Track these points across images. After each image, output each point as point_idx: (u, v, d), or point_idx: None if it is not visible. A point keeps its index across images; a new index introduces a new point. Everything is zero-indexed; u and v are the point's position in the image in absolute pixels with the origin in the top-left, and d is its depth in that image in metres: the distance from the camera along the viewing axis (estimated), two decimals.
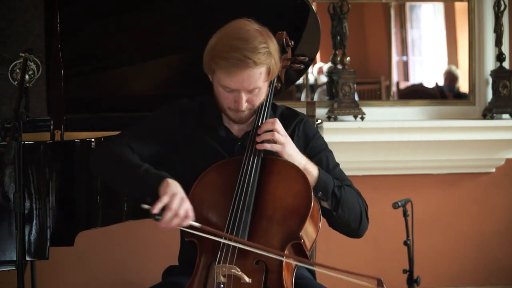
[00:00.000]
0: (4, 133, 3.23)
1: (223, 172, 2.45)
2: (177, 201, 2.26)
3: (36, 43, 3.86)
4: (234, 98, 2.43)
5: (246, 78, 2.38)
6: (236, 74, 2.37)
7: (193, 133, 2.54)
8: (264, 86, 2.45)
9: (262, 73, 2.40)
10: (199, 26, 3.41)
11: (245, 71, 2.36)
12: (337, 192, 2.46)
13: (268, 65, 2.40)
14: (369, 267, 4.58)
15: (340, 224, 2.51)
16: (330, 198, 2.45)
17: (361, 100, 4.62)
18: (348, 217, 2.49)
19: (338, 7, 4.46)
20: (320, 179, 2.44)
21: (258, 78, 2.39)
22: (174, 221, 2.26)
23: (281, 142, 2.42)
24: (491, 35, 4.56)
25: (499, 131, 4.50)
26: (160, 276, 2.63)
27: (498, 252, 4.67)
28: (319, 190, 2.44)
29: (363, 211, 2.54)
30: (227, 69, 2.37)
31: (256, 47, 2.36)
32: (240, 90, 2.40)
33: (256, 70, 2.37)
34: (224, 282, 2.28)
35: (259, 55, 2.36)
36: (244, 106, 2.43)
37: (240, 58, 2.35)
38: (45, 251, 2.87)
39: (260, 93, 2.45)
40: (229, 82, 2.40)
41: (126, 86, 3.70)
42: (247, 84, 2.39)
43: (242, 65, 2.35)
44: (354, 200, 2.51)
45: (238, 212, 2.36)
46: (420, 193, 4.51)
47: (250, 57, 2.35)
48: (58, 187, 2.89)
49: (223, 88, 2.43)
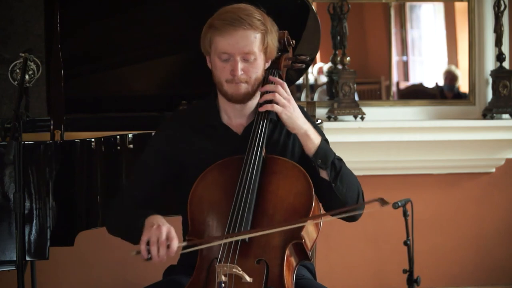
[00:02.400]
0: (4, 133, 3.22)
1: (224, 171, 2.45)
2: (154, 233, 2.28)
3: (36, 43, 3.87)
4: (231, 67, 2.44)
5: (240, 39, 2.41)
6: (231, 33, 2.41)
7: (192, 145, 2.54)
8: (259, 57, 2.46)
9: (257, 38, 2.43)
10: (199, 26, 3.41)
11: (239, 30, 2.41)
12: (337, 163, 2.46)
13: (263, 32, 2.44)
14: (369, 267, 4.59)
15: (337, 200, 2.47)
16: (329, 167, 2.44)
17: (361, 100, 4.62)
18: (346, 192, 2.47)
19: (338, 7, 4.46)
20: (321, 147, 2.44)
21: (252, 42, 2.42)
22: (160, 251, 2.27)
23: (282, 104, 2.43)
24: (491, 35, 4.56)
25: (499, 131, 4.50)
26: (160, 276, 2.63)
27: (498, 252, 4.66)
28: (318, 157, 2.44)
29: (360, 193, 2.53)
30: (223, 28, 2.42)
31: (251, 15, 2.44)
32: (235, 54, 2.42)
33: (251, 32, 2.42)
34: (225, 281, 2.28)
35: (253, 19, 2.42)
36: (239, 72, 2.43)
37: (235, 17, 2.41)
38: (45, 251, 2.87)
39: (255, 63, 2.45)
40: (224, 44, 2.42)
41: (126, 86, 3.70)
42: (242, 45, 2.42)
43: (237, 24, 2.40)
44: (352, 177, 2.51)
45: (239, 211, 2.36)
46: (420, 193, 4.51)
47: (245, 18, 2.41)
48: (58, 187, 2.89)
49: (219, 57, 2.44)
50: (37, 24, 3.99)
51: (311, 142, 2.44)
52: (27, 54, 2.98)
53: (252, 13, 2.44)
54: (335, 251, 4.47)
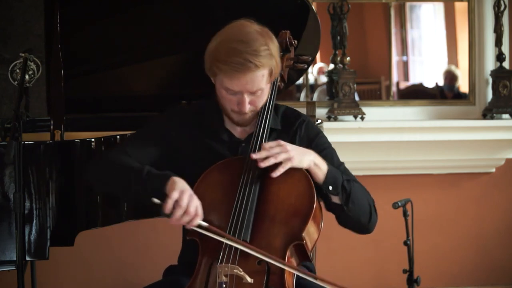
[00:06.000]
0: (4, 133, 3.22)
1: (226, 171, 2.45)
2: (186, 198, 2.27)
3: (36, 43, 3.86)
4: (237, 100, 2.42)
5: (249, 81, 2.37)
6: (238, 78, 2.37)
7: (195, 138, 2.53)
8: (266, 87, 2.44)
9: (265, 75, 2.39)
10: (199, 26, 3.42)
11: (247, 74, 2.36)
12: (346, 185, 2.45)
13: (270, 66, 2.39)
14: (369, 267, 4.59)
15: (350, 220, 2.48)
16: (340, 192, 2.43)
17: (361, 100, 4.61)
18: (358, 211, 2.47)
19: (338, 7, 4.46)
20: (329, 173, 2.43)
21: (260, 80, 2.39)
22: (184, 218, 2.27)
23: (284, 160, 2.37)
24: (491, 35, 4.56)
25: (499, 131, 4.50)
26: (160, 276, 2.63)
27: (498, 252, 4.66)
28: (329, 184, 2.42)
29: (372, 206, 2.52)
30: (229, 73, 2.36)
31: (257, 50, 2.35)
32: (243, 92, 2.40)
33: (258, 72, 2.37)
34: (226, 282, 2.28)
35: (260, 57, 2.35)
36: (247, 108, 2.42)
37: (241, 62, 2.34)
38: (45, 251, 2.87)
39: (262, 95, 2.44)
40: (231, 85, 2.39)
41: (126, 86, 3.70)
42: (250, 86, 2.38)
43: (244, 69, 2.34)
44: (362, 194, 2.50)
45: (240, 212, 2.35)
46: (420, 193, 4.51)
47: (252, 60, 2.34)
48: (58, 187, 2.89)
49: (225, 90, 2.42)
50: (37, 24, 3.98)
51: (319, 170, 2.42)
52: (27, 54, 2.98)
53: (258, 48, 2.35)
54: (335, 251, 4.47)
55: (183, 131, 2.54)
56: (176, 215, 2.26)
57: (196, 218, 2.29)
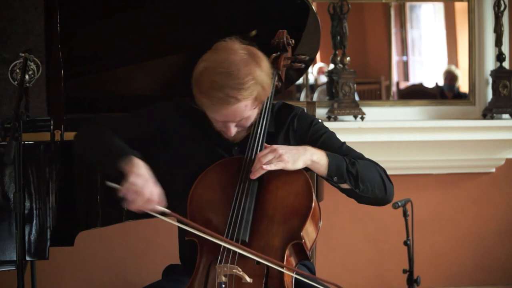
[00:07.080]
0: (4, 133, 3.22)
1: (223, 172, 2.44)
2: (140, 181, 2.24)
3: (36, 43, 3.86)
4: (224, 126, 2.41)
5: (231, 114, 2.35)
6: (219, 111, 2.34)
7: (189, 134, 2.52)
8: (253, 111, 2.40)
9: (248, 105, 2.35)
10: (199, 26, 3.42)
11: (229, 108, 2.32)
12: (351, 169, 2.43)
13: (253, 95, 2.34)
14: (369, 267, 4.59)
15: (367, 199, 2.47)
16: (347, 178, 2.42)
17: (361, 100, 4.62)
18: (371, 189, 2.45)
19: (338, 7, 4.46)
20: (330, 165, 2.41)
21: (243, 110, 2.35)
22: (137, 201, 2.23)
23: (279, 165, 2.36)
24: (491, 35, 4.56)
25: (499, 131, 4.50)
26: (160, 275, 2.63)
27: (498, 252, 4.67)
28: (333, 175, 2.41)
29: (384, 176, 2.50)
30: (211, 107, 2.34)
31: (240, 82, 2.29)
32: (227, 121, 2.38)
33: (241, 104, 2.33)
34: (225, 282, 2.28)
35: (242, 90, 2.30)
36: (233, 132, 2.41)
37: (222, 97, 2.30)
38: (45, 251, 2.87)
39: (249, 119, 2.41)
40: (214, 115, 2.38)
41: (126, 86, 3.70)
42: (232, 117, 2.36)
43: (225, 103, 2.31)
44: (371, 170, 2.48)
45: (239, 212, 2.35)
46: (420, 193, 4.51)
47: (232, 95, 2.29)
48: (58, 187, 2.89)
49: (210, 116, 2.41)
50: (37, 24, 3.98)
51: (319, 165, 2.41)
52: (27, 54, 2.98)
53: (241, 81, 2.29)
54: (335, 250, 4.47)
55: (178, 124, 2.52)
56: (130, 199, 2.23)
57: (149, 202, 2.25)
